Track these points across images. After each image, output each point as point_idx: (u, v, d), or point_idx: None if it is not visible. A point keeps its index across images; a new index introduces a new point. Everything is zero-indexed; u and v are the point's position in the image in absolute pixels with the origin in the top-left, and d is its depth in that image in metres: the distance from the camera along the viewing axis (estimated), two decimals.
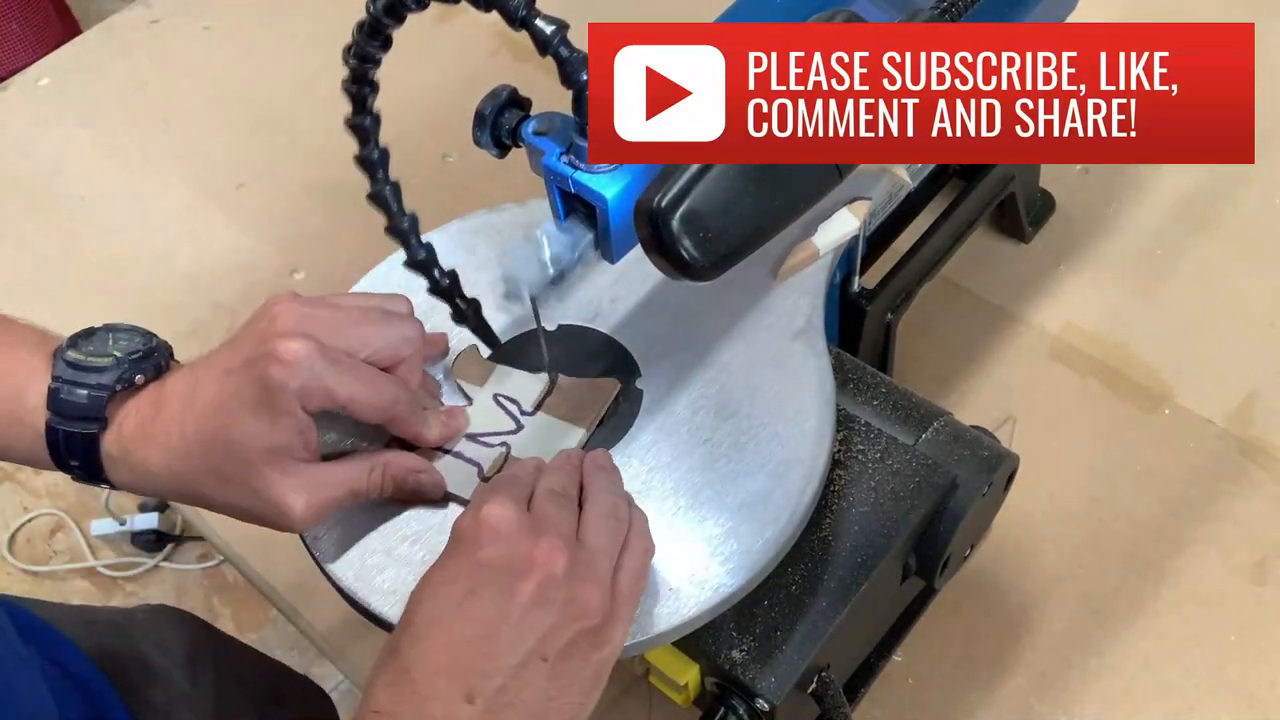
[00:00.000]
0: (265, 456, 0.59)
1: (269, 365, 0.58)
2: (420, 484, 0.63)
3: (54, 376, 0.61)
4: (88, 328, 0.64)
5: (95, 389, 0.61)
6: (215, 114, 1.20)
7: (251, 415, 0.59)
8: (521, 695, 0.51)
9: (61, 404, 0.61)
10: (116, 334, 0.63)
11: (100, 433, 0.61)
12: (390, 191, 0.62)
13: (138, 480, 0.62)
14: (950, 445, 0.67)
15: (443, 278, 0.65)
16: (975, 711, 0.78)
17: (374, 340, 0.62)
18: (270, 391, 0.58)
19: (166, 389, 0.62)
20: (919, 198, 0.89)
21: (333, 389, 0.59)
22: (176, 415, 0.60)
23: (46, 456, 0.62)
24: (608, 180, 0.56)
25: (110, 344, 0.62)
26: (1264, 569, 0.82)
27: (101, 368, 0.61)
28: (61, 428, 0.61)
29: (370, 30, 0.55)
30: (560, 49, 0.51)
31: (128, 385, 0.61)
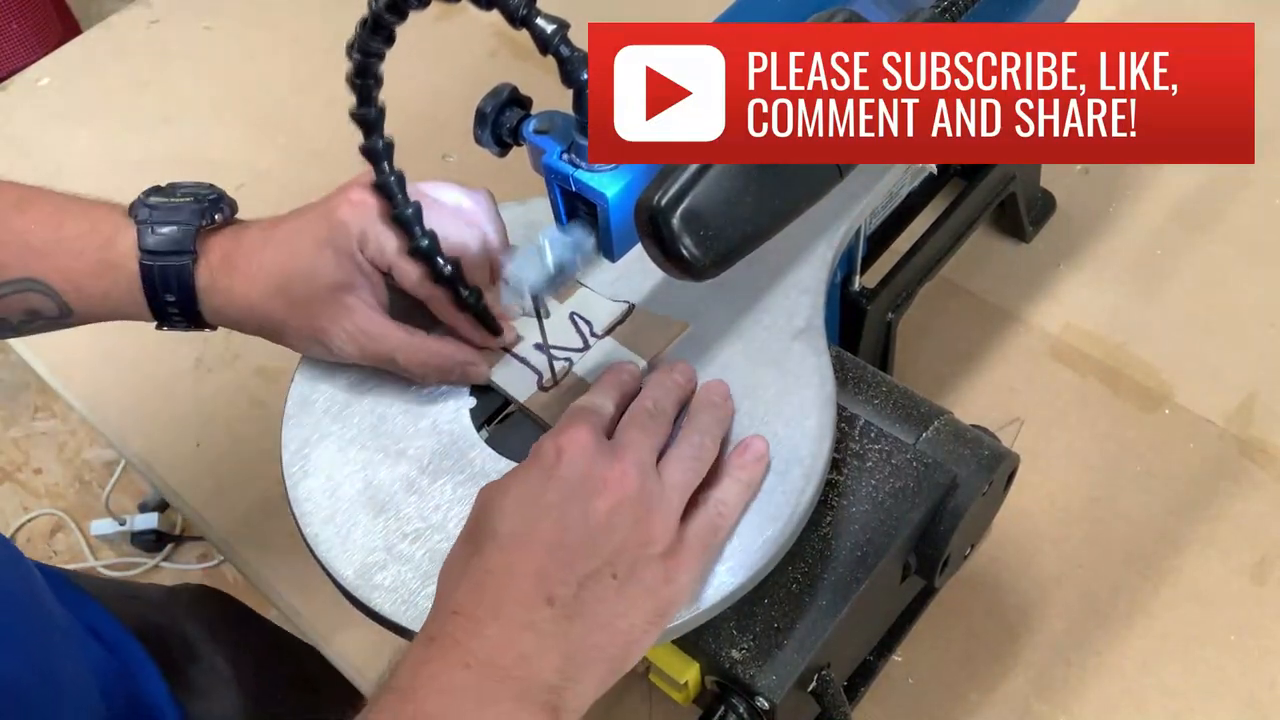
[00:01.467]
0: (327, 289, 0.65)
1: (338, 206, 0.65)
2: (466, 375, 0.68)
3: (139, 220, 0.66)
4: (154, 185, 0.69)
5: (181, 224, 0.66)
6: (215, 114, 1.20)
7: (315, 249, 0.65)
8: (594, 607, 0.53)
9: (153, 240, 0.66)
10: (184, 186, 0.69)
11: (193, 264, 0.66)
12: (395, 181, 0.63)
13: (223, 309, 0.68)
14: (950, 444, 0.67)
15: (445, 265, 0.66)
16: (975, 711, 0.78)
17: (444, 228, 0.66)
18: (333, 229, 0.64)
19: (246, 226, 0.68)
20: (919, 197, 0.89)
21: (383, 245, 0.64)
22: (255, 246, 0.67)
23: (142, 300, 0.67)
24: (608, 179, 0.56)
25: (181, 193, 0.68)
26: (1264, 569, 0.82)
27: (181, 206, 0.67)
28: (156, 264, 0.66)
29: (373, 26, 0.55)
30: (561, 48, 0.51)
31: (209, 221, 0.67)
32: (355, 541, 0.63)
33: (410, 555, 0.62)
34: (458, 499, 0.64)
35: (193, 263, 0.66)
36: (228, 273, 0.67)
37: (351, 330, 0.66)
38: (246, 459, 0.94)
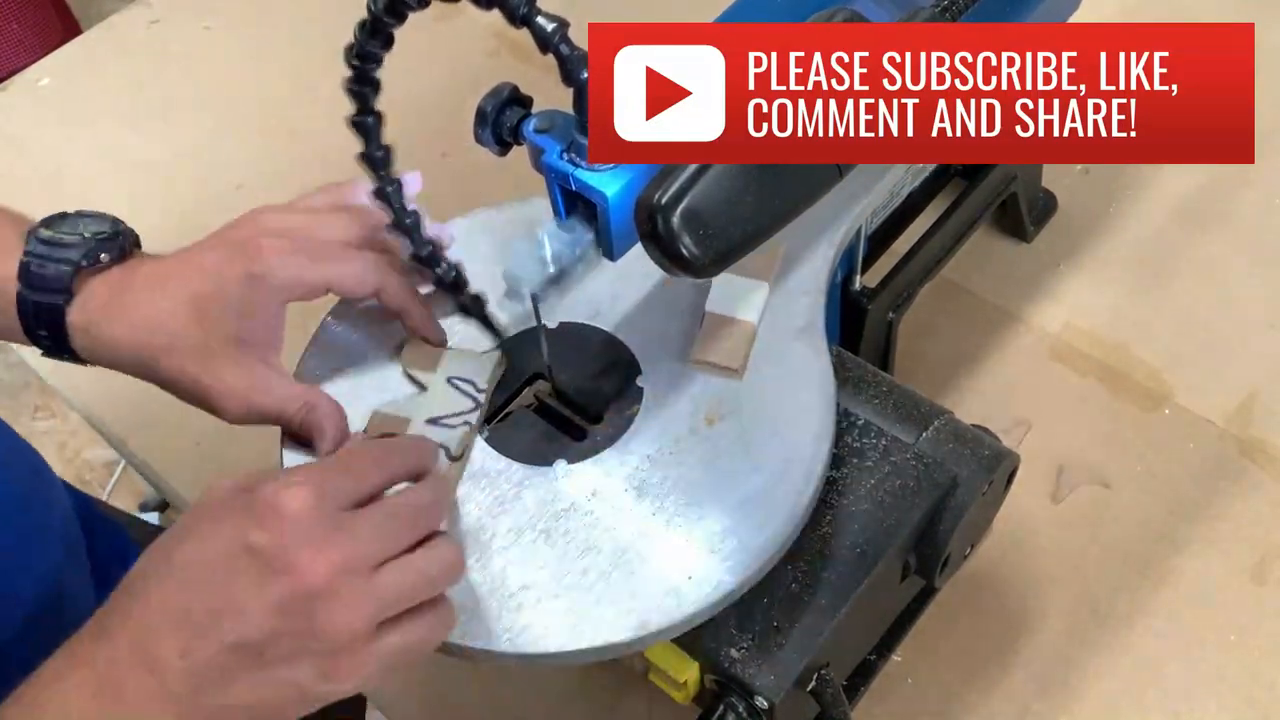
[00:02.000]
0: (232, 345, 0.64)
1: (253, 259, 0.64)
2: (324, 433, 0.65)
3: (26, 252, 0.65)
4: (61, 212, 0.68)
5: (63, 263, 0.65)
6: (215, 114, 1.20)
7: (229, 306, 0.64)
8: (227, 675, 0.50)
9: (31, 276, 0.65)
10: (85, 218, 0.68)
11: (66, 305, 0.65)
12: (393, 189, 0.63)
13: (101, 351, 0.66)
14: (951, 444, 0.67)
15: (447, 272, 0.66)
16: (975, 711, 0.78)
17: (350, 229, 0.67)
18: (254, 285, 0.63)
19: (136, 270, 0.67)
20: (920, 197, 0.89)
21: (313, 280, 0.64)
22: (148, 295, 0.65)
23: (19, 328, 0.66)
24: (609, 178, 0.56)
25: (79, 226, 0.67)
26: (1264, 569, 0.82)
27: (70, 244, 0.65)
28: (31, 298, 0.65)
29: (372, 29, 0.55)
30: (561, 47, 0.51)
31: (93, 263, 0.66)
32: None
33: None
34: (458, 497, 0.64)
35: (66, 303, 0.65)
36: (106, 318, 0.65)
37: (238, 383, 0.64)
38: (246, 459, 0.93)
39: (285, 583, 0.49)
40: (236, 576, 0.50)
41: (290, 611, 0.49)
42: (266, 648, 0.50)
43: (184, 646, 0.49)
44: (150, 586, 0.51)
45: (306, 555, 0.50)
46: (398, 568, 0.52)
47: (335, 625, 0.50)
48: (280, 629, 0.49)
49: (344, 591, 0.50)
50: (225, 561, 0.50)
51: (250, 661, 0.50)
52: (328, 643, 0.50)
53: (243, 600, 0.49)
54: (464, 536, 0.63)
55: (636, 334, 0.70)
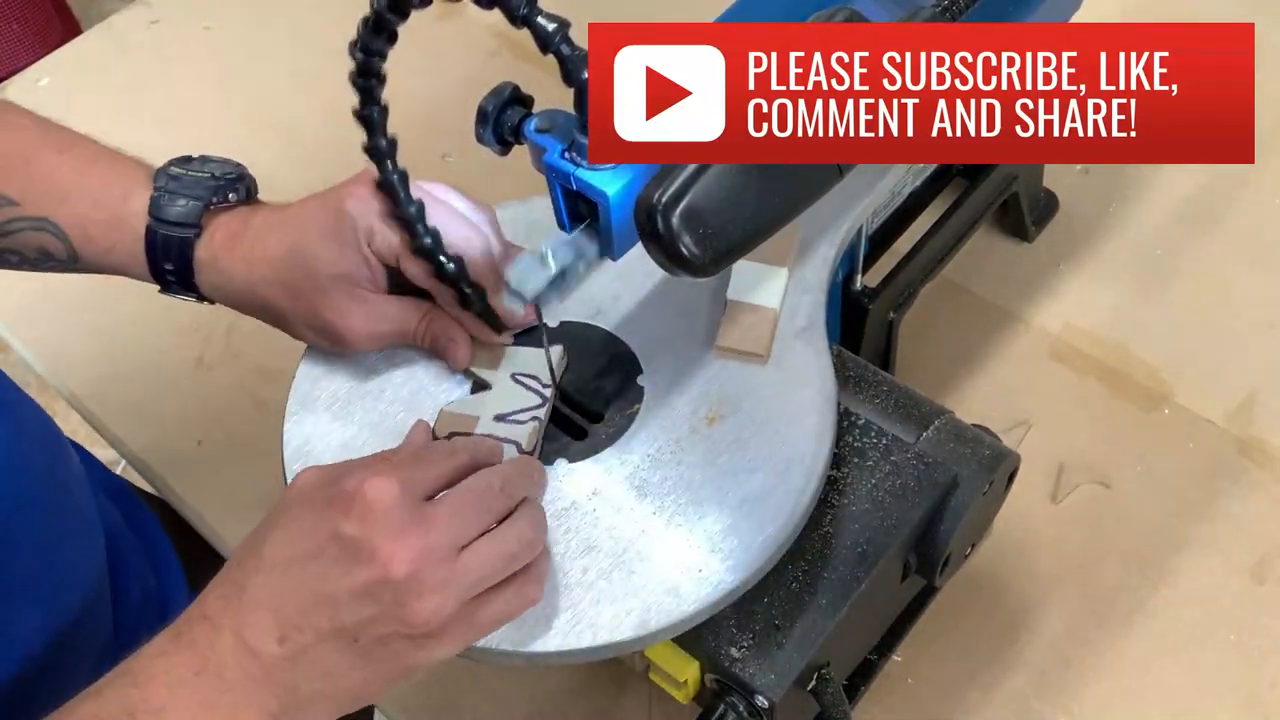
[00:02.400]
0: (332, 280, 0.66)
1: (346, 198, 0.66)
2: (446, 350, 0.69)
3: (156, 187, 0.68)
4: (185, 155, 0.71)
5: (194, 198, 0.68)
6: (215, 114, 1.20)
7: (320, 239, 0.66)
8: (321, 660, 0.53)
9: (163, 209, 0.68)
10: (210, 162, 0.71)
11: (195, 239, 0.68)
12: (398, 179, 0.63)
13: (221, 287, 0.69)
14: (951, 444, 0.67)
15: (448, 263, 0.66)
16: (975, 711, 0.78)
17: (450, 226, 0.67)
18: (339, 221, 0.65)
19: (256, 211, 0.70)
20: (921, 197, 0.89)
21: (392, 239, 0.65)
22: (262, 231, 0.68)
23: (144, 261, 0.69)
24: (609, 177, 0.56)
25: (207, 166, 0.70)
26: (1264, 569, 0.82)
27: (199, 180, 0.69)
28: (160, 231, 0.68)
29: (375, 26, 0.55)
30: (562, 46, 0.51)
31: (222, 200, 0.69)
32: None
33: None
34: None
35: (195, 237, 0.68)
36: (229, 253, 0.68)
37: (359, 317, 0.67)
38: (247, 458, 0.94)
39: (372, 571, 0.52)
40: (327, 566, 0.52)
41: (379, 598, 0.52)
42: (360, 633, 0.52)
43: (281, 634, 0.52)
44: (247, 578, 0.53)
45: (392, 545, 0.52)
46: (479, 550, 0.54)
47: (423, 612, 0.52)
48: (371, 615, 0.52)
49: (428, 578, 0.52)
50: (315, 552, 0.53)
51: (345, 646, 0.52)
52: (417, 627, 0.53)
53: (334, 589, 0.52)
54: None
55: (637, 333, 0.70)
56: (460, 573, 0.53)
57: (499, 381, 0.69)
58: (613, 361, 0.69)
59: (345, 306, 0.67)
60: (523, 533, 0.56)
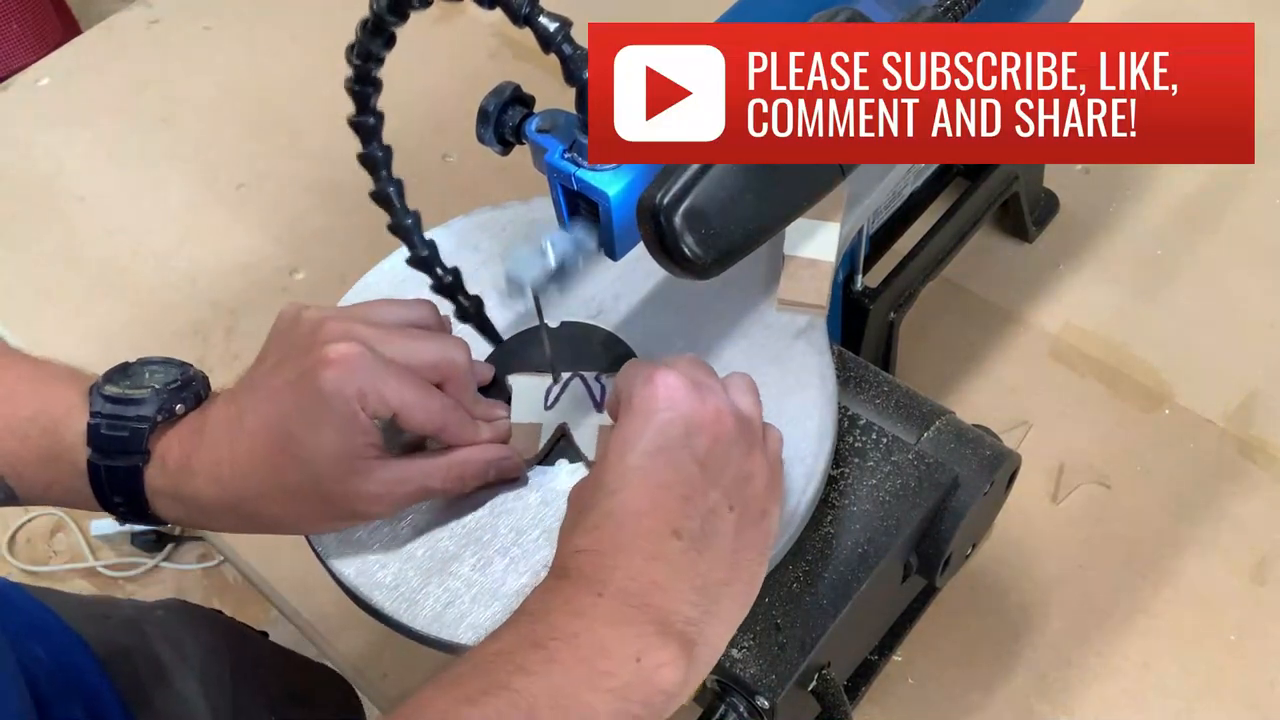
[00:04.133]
0: (335, 465, 0.58)
1: (322, 372, 0.57)
2: (503, 470, 0.64)
3: (93, 412, 0.60)
4: (122, 364, 0.63)
5: (136, 421, 0.60)
6: (215, 114, 1.20)
7: (312, 429, 0.57)
8: (717, 540, 0.53)
9: (102, 439, 0.59)
10: (151, 367, 0.62)
11: (143, 466, 0.60)
12: (393, 190, 0.63)
13: (189, 513, 0.61)
14: (952, 444, 0.67)
15: (445, 275, 0.66)
16: (975, 711, 0.78)
17: (423, 353, 0.61)
18: (327, 399, 0.57)
19: (209, 416, 0.61)
20: (922, 197, 0.89)
21: (385, 394, 0.58)
22: (225, 442, 0.59)
23: (89, 495, 0.61)
24: (610, 177, 0.56)
25: (147, 376, 0.62)
26: (1264, 569, 0.82)
27: (140, 399, 0.60)
28: (104, 463, 0.60)
29: (374, 28, 0.55)
30: (563, 46, 0.51)
31: (168, 416, 0.60)
32: (357, 539, 0.63)
33: (412, 553, 0.62)
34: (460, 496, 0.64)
35: (144, 465, 0.60)
36: (188, 475, 0.60)
37: (378, 490, 0.59)
38: None
39: (710, 432, 0.54)
40: (673, 452, 0.53)
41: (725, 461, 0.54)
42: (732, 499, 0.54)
43: (674, 528, 0.52)
44: (602, 504, 0.53)
45: (708, 407, 0.54)
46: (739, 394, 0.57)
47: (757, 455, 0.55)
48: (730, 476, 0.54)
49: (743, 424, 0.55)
50: (657, 448, 0.53)
51: (725, 519, 0.53)
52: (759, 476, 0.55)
53: (690, 468, 0.53)
54: (465, 537, 0.63)
55: (638, 333, 0.70)
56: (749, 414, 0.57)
57: None
58: (614, 362, 0.69)
59: (359, 485, 0.59)
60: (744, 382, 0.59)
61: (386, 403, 0.58)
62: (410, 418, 0.59)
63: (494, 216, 0.77)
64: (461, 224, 0.76)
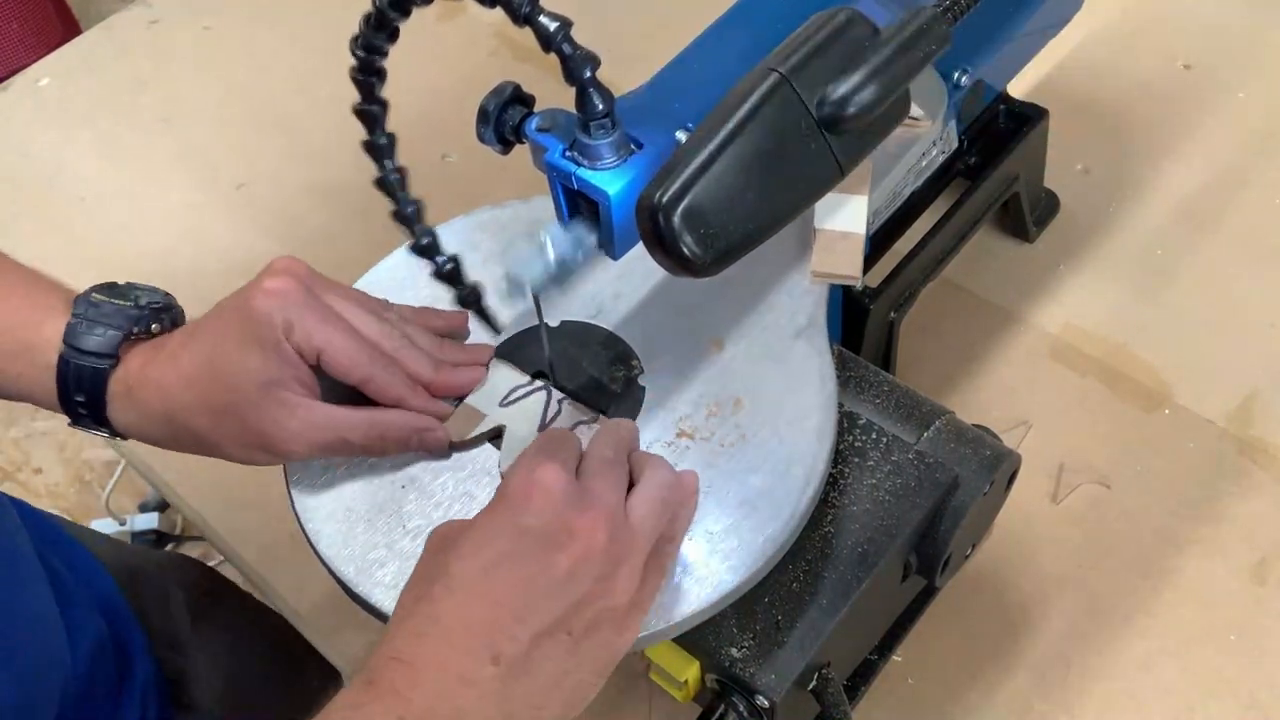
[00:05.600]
0: (258, 390, 0.60)
1: (254, 297, 0.60)
2: (427, 442, 0.64)
3: (74, 314, 0.63)
4: (112, 281, 0.66)
5: (113, 327, 0.63)
6: (215, 114, 1.20)
7: (240, 348, 0.60)
8: (542, 665, 0.51)
9: (78, 337, 0.62)
10: (138, 289, 0.66)
11: (109, 370, 0.63)
12: (396, 178, 0.63)
13: (138, 420, 0.64)
14: (952, 444, 0.67)
15: (445, 263, 0.66)
16: (975, 711, 0.78)
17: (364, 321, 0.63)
18: (255, 323, 0.60)
19: (172, 336, 0.64)
20: (923, 197, 0.89)
21: (310, 330, 0.60)
22: (174, 354, 0.62)
23: (53, 389, 0.63)
24: (610, 176, 0.56)
25: (132, 294, 0.65)
26: (1264, 569, 0.82)
27: (121, 310, 0.63)
28: (74, 360, 0.62)
29: (377, 23, 0.55)
30: (563, 45, 0.51)
31: (143, 331, 0.64)
32: (357, 538, 0.64)
33: (412, 552, 0.62)
34: (459, 495, 0.64)
35: (111, 369, 0.63)
36: (141, 383, 0.62)
37: (296, 427, 0.61)
38: None
39: (575, 549, 0.51)
40: (527, 562, 0.51)
41: (585, 575, 0.51)
42: (573, 622, 0.51)
43: (494, 652, 0.50)
44: (438, 606, 0.51)
45: (584, 519, 0.52)
46: (640, 504, 0.54)
47: (625, 577, 0.52)
48: (580, 596, 0.51)
49: (622, 541, 0.52)
50: (509, 553, 0.51)
51: (561, 644, 0.51)
52: (620, 596, 0.52)
53: (541, 581, 0.51)
54: None
55: (638, 332, 0.70)
56: (637, 529, 0.54)
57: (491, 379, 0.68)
58: (613, 361, 0.69)
59: (277, 415, 0.60)
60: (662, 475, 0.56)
61: (311, 338, 0.60)
62: (334, 361, 0.61)
63: (495, 216, 0.77)
64: (462, 223, 0.76)
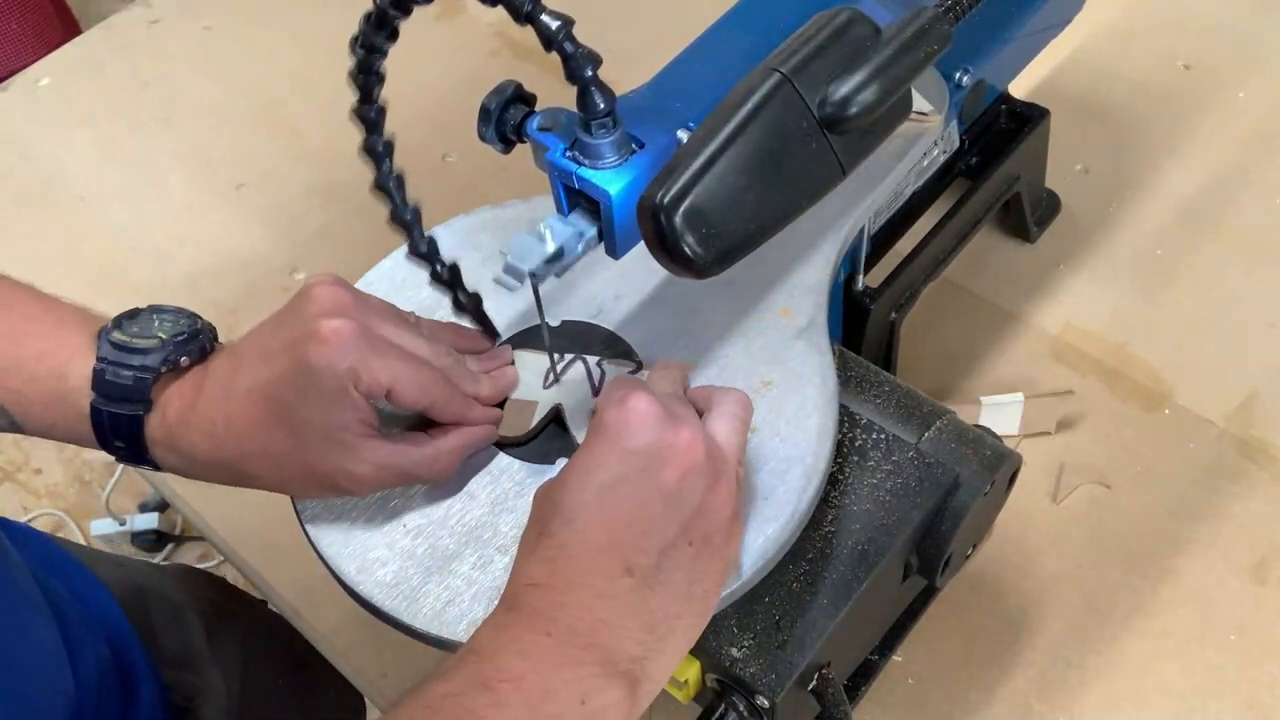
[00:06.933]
0: (322, 438, 0.59)
1: (311, 346, 0.57)
2: (480, 446, 0.65)
3: (99, 358, 0.61)
4: (132, 309, 0.64)
5: (140, 370, 0.60)
6: (215, 114, 1.20)
7: (301, 400, 0.58)
8: (672, 575, 0.53)
9: (107, 385, 0.60)
10: (162, 315, 0.63)
11: (145, 415, 0.61)
12: (394, 182, 0.63)
13: (184, 464, 0.62)
14: (953, 444, 0.67)
15: (443, 269, 0.66)
16: (975, 711, 0.78)
17: (415, 344, 0.62)
18: (318, 374, 0.57)
19: (209, 371, 0.62)
20: (924, 197, 0.89)
21: (376, 371, 0.58)
22: (220, 399, 0.60)
23: (91, 436, 0.62)
24: (612, 176, 0.56)
25: (155, 325, 0.62)
26: (1264, 569, 0.82)
27: (146, 349, 0.61)
28: (106, 409, 0.61)
29: (377, 22, 0.55)
30: (565, 44, 0.51)
31: (173, 367, 0.61)
32: (357, 537, 0.63)
33: (412, 551, 0.62)
34: (460, 495, 0.64)
35: (146, 413, 0.61)
36: (185, 429, 0.61)
37: (363, 471, 0.60)
38: None
39: (680, 463, 0.53)
40: (637, 483, 0.53)
41: (691, 493, 0.53)
42: (691, 533, 0.53)
43: (627, 565, 0.52)
44: (561, 535, 0.52)
45: (681, 436, 0.54)
46: (720, 421, 0.57)
47: (724, 488, 0.55)
48: (692, 510, 0.53)
49: (717, 455, 0.55)
50: (620, 477, 0.53)
51: (684, 552, 0.53)
52: (724, 508, 0.55)
53: (655, 498, 0.53)
54: (465, 535, 0.63)
55: (639, 332, 0.70)
56: (725, 443, 0.56)
57: None
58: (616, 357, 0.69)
59: (342, 460, 0.59)
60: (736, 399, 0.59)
61: (378, 380, 0.58)
62: (404, 393, 0.60)
63: (496, 215, 0.77)
64: (463, 223, 0.76)
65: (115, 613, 0.81)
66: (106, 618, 0.80)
